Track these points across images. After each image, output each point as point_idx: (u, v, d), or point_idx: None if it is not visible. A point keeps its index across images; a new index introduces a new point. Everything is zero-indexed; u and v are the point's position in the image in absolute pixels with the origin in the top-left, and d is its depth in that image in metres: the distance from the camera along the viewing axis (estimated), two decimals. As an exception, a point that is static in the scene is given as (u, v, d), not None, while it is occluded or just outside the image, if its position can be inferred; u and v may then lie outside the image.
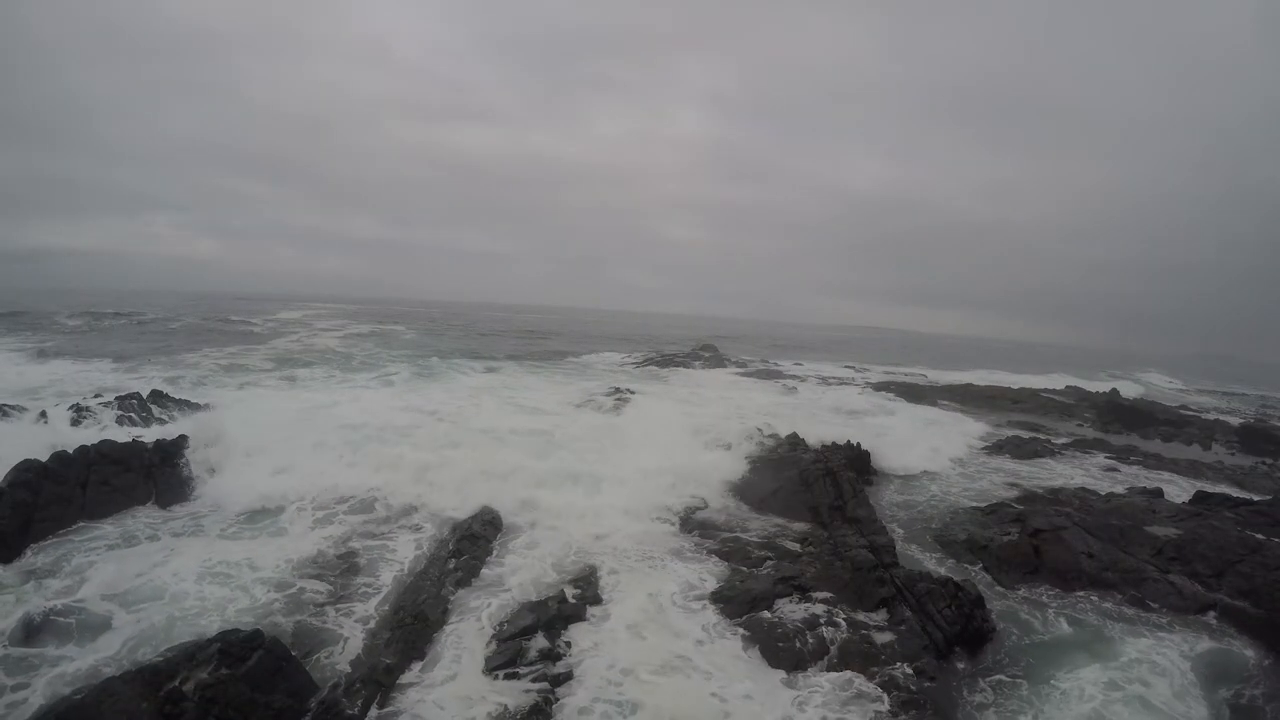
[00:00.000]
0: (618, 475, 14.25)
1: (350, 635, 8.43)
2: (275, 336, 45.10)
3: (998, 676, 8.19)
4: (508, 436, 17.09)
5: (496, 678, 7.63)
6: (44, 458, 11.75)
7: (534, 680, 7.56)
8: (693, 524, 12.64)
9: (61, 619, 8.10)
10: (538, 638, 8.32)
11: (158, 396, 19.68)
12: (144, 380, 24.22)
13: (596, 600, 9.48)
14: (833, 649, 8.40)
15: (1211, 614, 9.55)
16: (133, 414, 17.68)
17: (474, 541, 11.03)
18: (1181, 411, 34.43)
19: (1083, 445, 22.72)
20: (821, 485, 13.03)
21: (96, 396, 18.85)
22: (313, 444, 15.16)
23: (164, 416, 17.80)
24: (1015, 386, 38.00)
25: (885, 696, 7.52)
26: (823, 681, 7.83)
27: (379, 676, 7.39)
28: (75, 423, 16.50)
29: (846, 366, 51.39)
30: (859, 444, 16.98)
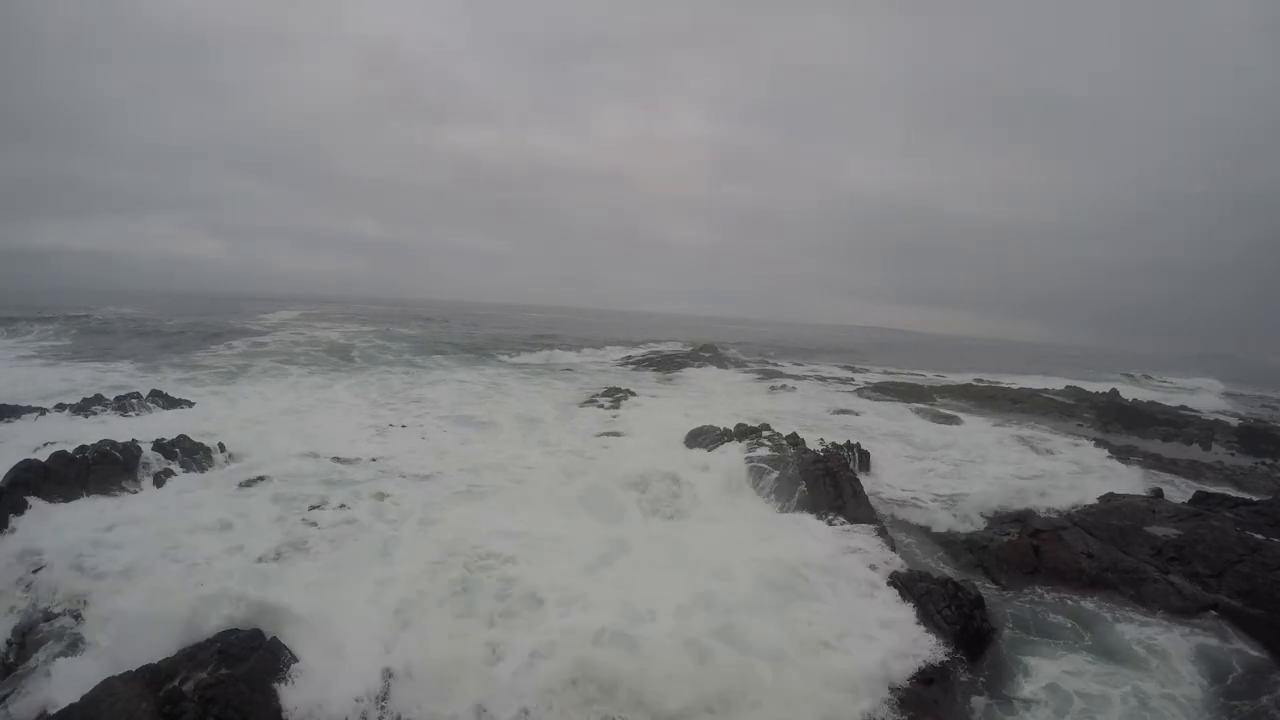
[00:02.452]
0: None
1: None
2: (275, 334, 45.14)
3: (998, 677, 8.19)
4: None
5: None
6: (44, 458, 11.75)
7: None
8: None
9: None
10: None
11: (157, 396, 19.74)
12: (143, 380, 24.28)
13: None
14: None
15: (1211, 614, 9.54)
16: (132, 414, 17.71)
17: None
18: (1181, 411, 34.42)
19: (1084, 446, 22.68)
20: (822, 486, 13.02)
21: (96, 397, 18.88)
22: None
23: (163, 416, 17.83)
24: (1015, 386, 38.00)
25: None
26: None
27: (379, 677, 7.37)
28: (74, 423, 16.52)
29: (846, 367, 51.36)
30: (858, 444, 16.99)
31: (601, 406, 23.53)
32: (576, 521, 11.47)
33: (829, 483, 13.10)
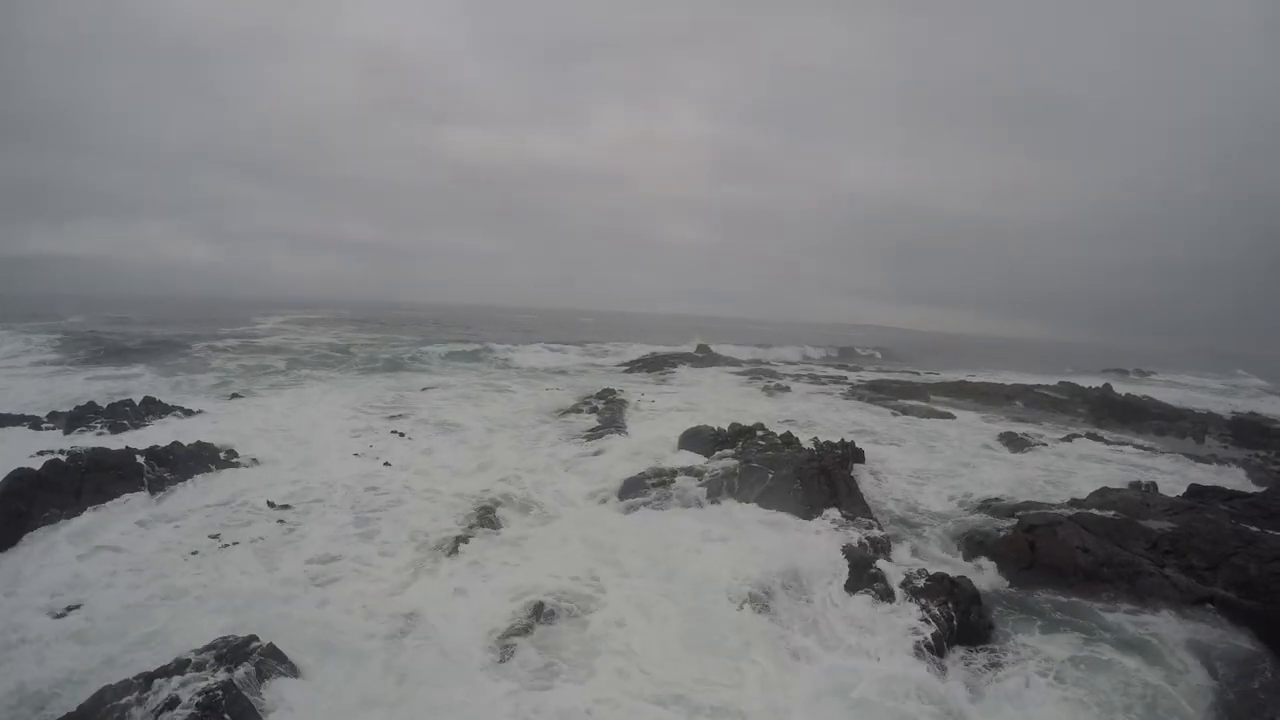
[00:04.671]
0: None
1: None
2: (272, 338, 45.07)
3: (993, 673, 8.22)
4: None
5: (496, 680, 7.61)
6: (37, 466, 11.71)
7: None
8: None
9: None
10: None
11: (150, 403, 19.68)
12: (138, 386, 24.21)
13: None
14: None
15: (1207, 606, 9.58)
16: (126, 421, 17.65)
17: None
18: (1174, 405, 34.55)
19: (1077, 440, 22.75)
20: (817, 484, 13.04)
21: (90, 404, 18.82)
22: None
23: (157, 423, 17.77)
24: (1009, 383, 38.04)
25: (882, 693, 7.54)
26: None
27: (376, 681, 7.36)
28: (69, 430, 16.47)
29: (841, 366, 51.52)
30: (852, 442, 17.00)
31: (596, 409, 23.49)
32: (564, 550, 11.04)
33: (824, 481, 13.13)
